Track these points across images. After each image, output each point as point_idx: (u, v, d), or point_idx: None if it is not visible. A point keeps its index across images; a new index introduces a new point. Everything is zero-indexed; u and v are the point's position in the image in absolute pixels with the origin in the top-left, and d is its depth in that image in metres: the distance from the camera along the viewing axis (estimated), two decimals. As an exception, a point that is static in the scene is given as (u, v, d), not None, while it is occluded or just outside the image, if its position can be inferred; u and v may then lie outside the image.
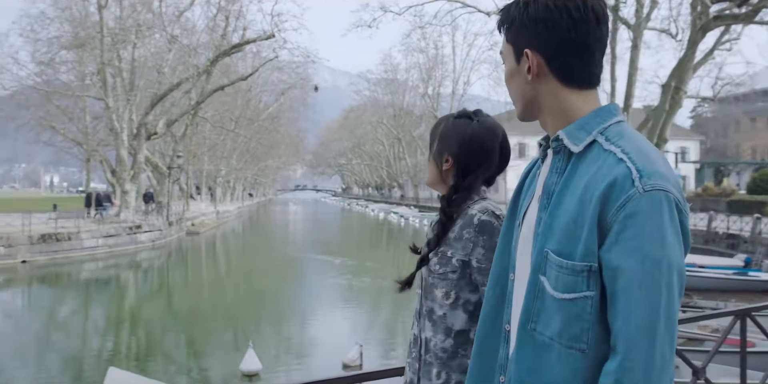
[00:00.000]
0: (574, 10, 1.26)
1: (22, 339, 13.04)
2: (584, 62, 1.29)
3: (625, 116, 1.31)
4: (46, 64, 33.30)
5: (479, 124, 1.93)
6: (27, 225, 22.10)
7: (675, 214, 1.15)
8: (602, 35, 1.29)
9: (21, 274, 20.04)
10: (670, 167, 1.22)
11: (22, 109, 38.13)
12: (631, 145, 1.21)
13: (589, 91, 1.31)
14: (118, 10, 29.14)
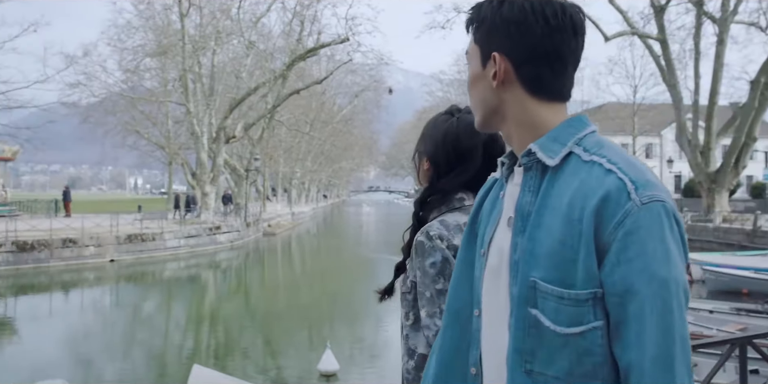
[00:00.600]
0: (551, 16, 1.15)
1: (110, 335, 13.64)
2: (555, 73, 1.18)
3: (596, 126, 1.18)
4: (132, 71, 34.75)
5: (458, 121, 1.76)
6: (114, 226, 23.11)
7: (674, 226, 1.05)
8: (577, 47, 1.18)
9: (109, 272, 20.97)
10: (658, 179, 1.10)
11: (110, 115, 39.93)
12: (616, 155, 1.10)
13: (559, 105, 1.19)
14: (198, 18, 30.11)
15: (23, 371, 9.94)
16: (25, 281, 19.10)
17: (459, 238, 1.48)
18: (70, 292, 18.87)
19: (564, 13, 1.15)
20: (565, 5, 1.16)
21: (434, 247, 1.62)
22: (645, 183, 1.04)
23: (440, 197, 1.73)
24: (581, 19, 1.17)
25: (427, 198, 1.75)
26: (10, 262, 19.44)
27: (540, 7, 1.15)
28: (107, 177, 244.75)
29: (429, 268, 1.62)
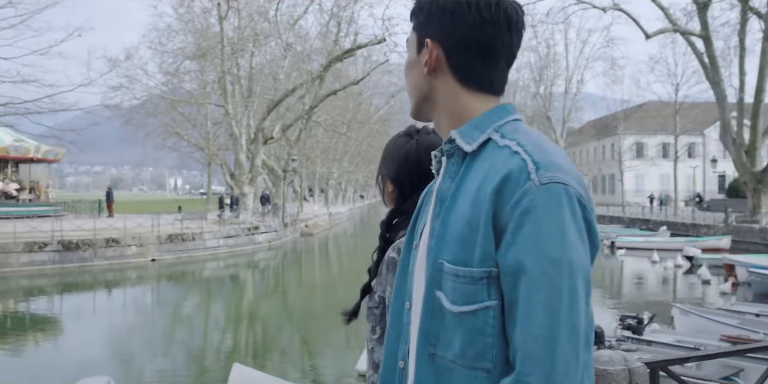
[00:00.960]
0: (484, 8, 1.16)
1: (151, 333, 13.87)
2: (486, 64, 1.19)
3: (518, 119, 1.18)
4: (172, 74, 35.30)
5: (417, 144, 1.80)
6: (156, 226, 23.52)
7: (577, 209, 1.03)
8: (511, 42, 1.19)
9: (150, 271, 21.34)
10: (572, 163, 1.09)
11: (151, 117, 40.67)
12: (526, 138, 1.10)
13: (489, 96, 1.20)
14: (236, 21, 30.46)
15: (68, 368, 10.18)
16: (70, 280, 19.56)
17: None
18: (113, 290, 19.25)
19: (498, 7, 1.16)
20: (502, 0, 1.17)
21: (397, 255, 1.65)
22: (548, 165, 1.03)
23: (406, 218, 1.70)
24: (517, 16, 1.18)
25: (392, 220, 1.78)
26: (56, 261, 19.93)
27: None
28: (148, 178, 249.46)
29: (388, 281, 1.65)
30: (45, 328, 13.94)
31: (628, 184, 56.77)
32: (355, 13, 28.31)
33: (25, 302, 16.81)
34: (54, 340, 12.88)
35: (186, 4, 31.35)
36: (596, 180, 69.33)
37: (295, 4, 30.94)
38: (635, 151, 57.66)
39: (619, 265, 24.12)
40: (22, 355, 11.53)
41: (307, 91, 27.80)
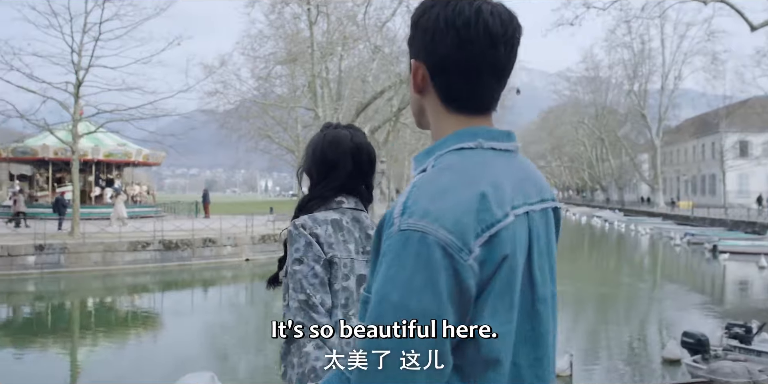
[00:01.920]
0: (462, 28, 1.11)
1: (245, 330, 14.28)
2: (468, 84, 1.14)
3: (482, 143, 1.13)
4: (264, 78, 36.29)
5: (323, 137, 2.04)
6: (249, 226, 24.22)
7: (427, 254, 0.97)
8: (497, 57, 1.13)
9: (244, 271, 21.98)
10: (453, 197, 1.02)
11: (243, 121, 41.91)
12: (432, 176, 1.07)
13: (471, 117, 1.16)
14: (325, 25, 30.97)
15: (169, 362, 10.60)
16: (169, 278, 20.42)
17: (322, 229, 1.85)
18: (209, 289, 19.95)
19: (478, 23, 1.11)
20: (482, 14, 1.11)
21: (299, 234, 1.86)
22: (417, 210, 1.01)
23: (319, 201, 1.98)
24: (503, 28, 1.13)
25: (306, 203, 2.02)
26: (157, 259, 20.86)
27: (452, 17, 1.12)
28: (240, 180, 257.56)
29: (294, 253, 1.85)
30: (147, 324, 14.60)
31: (730, 184, 53.94)
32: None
33: (129, 299, 17.68)
34: (156, 336, 13.47)
35: (277, 11, 32.15)
36: (695, 180, 66.22)
37: (382, 7, 31.14)
38: (738, 150, 54.64)
39: (721, 270, 22.91)
40: (127, 349, 12.11)
41: (395, 93, 27.93)
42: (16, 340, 12.37)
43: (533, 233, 1.12)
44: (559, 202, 1.26)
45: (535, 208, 1.15)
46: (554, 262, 1.19)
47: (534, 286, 1.11)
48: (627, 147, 64.82)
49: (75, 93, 22.71)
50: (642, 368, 9.90)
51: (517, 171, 1.15)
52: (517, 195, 1.10)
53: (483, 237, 1.01)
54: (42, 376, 9.86)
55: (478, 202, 1.02)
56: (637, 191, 79.84)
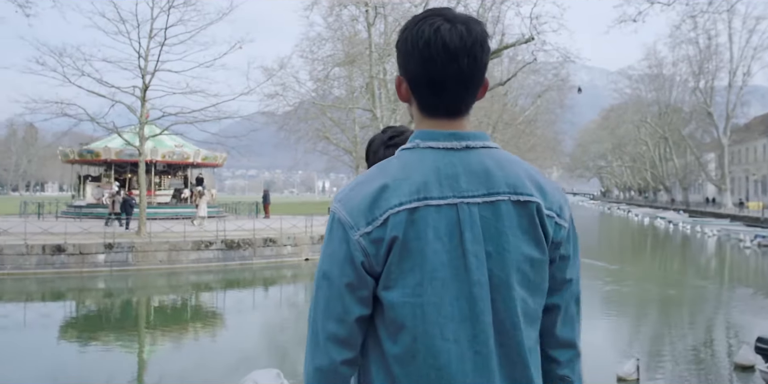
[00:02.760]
0: (423, 48, 1.31)
1: (304, 328, 14.36)
2: (438, 95, 1.35)
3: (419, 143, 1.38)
4: (322, 80, 36.70)
5: (380, 136, 2.16)
6: (309, 226, 24.52)
7: (336, 229, 1.34)
8: (460, 70, 1.32)
9: (304, 270, 22.25)
10: (360, 190, 1.34)
11: (302, 122, 42.47)
12: (365, 172, 1.42)
13: (440, 120, 1.38)
14: (383, 27, 31.10)
15: (233, 359, 10.81)
16: (232, 277, 20.85)
17: None
18: (270, 288, 20.28)
19: (436, 41, 1.30)
20: (440, 33, 1.30)
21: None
22: (338, 197, 1.38)
23: None
24: (460, 42, 1.30)
25: None
26: (220, 258, 21.34)
27: (416, 39, 1.32)
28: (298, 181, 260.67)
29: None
30: (210, 321, 14.95)
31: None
32: (501, 12, 27.94)
33: (193, 296, 18.14)
34: (219, 333, 13.76)
35: (335, 13, 32.49)
36: (765, 180, 63.67)
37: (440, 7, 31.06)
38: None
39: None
40: (191, 345, 12.42)
41: (453, 93, 27.80)
42: (86, 334, 12.85)
43: (464, 222, 1.30)
44: (524, 196, 1.35)
45: (472, 200, 1.31)
46: (512, 253, 1.32)
47: (468, 271, 1.29)
48: (692, 146, 62.85)
49: (142, 96, 23.44)
50: (711, 374, 9.59)
51: (452, 167, 1.33)
52: (441, 188, 1.30)
53: (377, 220, 1.29)
54: (110, 370, 10.20)
55: (375, 193, 1.31)
56: (703, 192, 77.34)
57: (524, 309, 1.33)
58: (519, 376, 1.33)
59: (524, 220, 1.34)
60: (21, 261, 18.72)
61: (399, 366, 1.30)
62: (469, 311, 1.29)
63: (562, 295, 1.42)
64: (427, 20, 1.33)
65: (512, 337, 1.32)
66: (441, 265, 1.28)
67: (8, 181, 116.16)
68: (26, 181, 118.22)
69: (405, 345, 1.29)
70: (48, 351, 11.37)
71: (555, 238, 1.38)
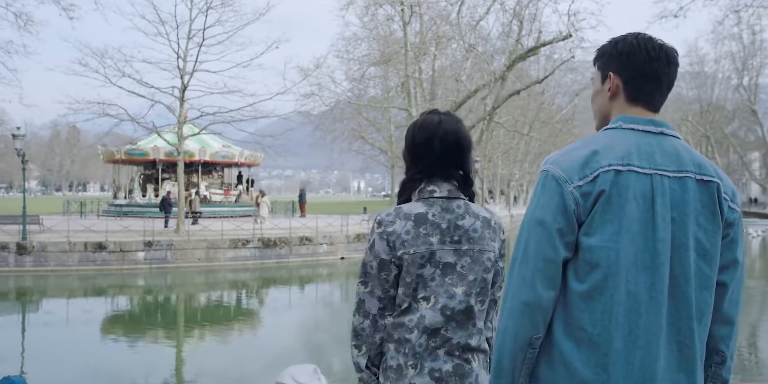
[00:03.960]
0: (651, 50, 1.65)
1: (338, 326, 14.47)
2: (651, 87, 1.67)
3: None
4: (358, 80, 36.77)
5: (414, 124, 2.15)
6: (344, 225, 24.59)
7: (549, 184, 1.58)
8: (669, 73, 1.67)
9: (339, 269, 22.33)
10: (572, 154, 1.62)
11: (338, 122, 42.62)
12: (573, 143, 1.69)
13: (644, 110, 1.68)
14: (418, 26, 30.99)
15: (270, 355, 10.90)
16: (268, 275, 21.02)
17: (401, 224, 1.98)
18: (306, 286, 20.39)
19: (661, 48, 1.66)
20: (662, 43, 1.67)
21: (374, 230, 2.04)
22: (548, 159, 1.65)
23: (412, 184, 2.07)
24: (674, 55, 1.68)
25: (403, 186, 2.12)
26: (257, 257, 21.53)
27: (644, 43, 1.66)
28: (333, 181, 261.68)
29: (368, 241, 2.07)
30: (247, 318, 15.09)
31: None
32: (538, 10, 27.56)
33: (230, 294, 18.33)
34: (256, 330, 13.89)
35: (370, 13, 32.51)
36: (812, 180, 61.84)
37: (476, 5, 30.84)
38: None
39: None
40: (229, 341, 12.55)
41: (489, 92, 27.58)
42: (126, 331, 13.08)
43: (656, 190, 1.56)
44: (707, 176, 1.61)
45: (664, 173, 1.58)
46: (692, 222, 1.57)
47: (655, 229, 1.54)
48: (735, 145, 61.37)
49: (180, 97, 23.78)
50: (755, 377, 9.34)
51: (649, 145, 1.61)
52: (641, 159, 1.58)
53: (588, 176, 1.56)
54: (149, 365, 10.35)
55: (587, 156, 1.59)
56: (746, 191, 75.47)
57: (697, 271, 1.56)
58: (684, 327, 1.55)
59: (705, 196, 1.59)
60: (64, 258, 19.15)
61: (583, 301, 1.53)
62: (651, 262, 1.53)
63: (731, 274, 1.65)
64: (644, 36, 1.68)
65: (683, 291, 1.55)
66: (635, 220, 1.53)
67: (52, 182, 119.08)
68: (69, 181, 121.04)
69: (594, 282, 1.53)
70: (89, 347, 11.59)
71: (728, 218, 1.62)
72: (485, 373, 1.99)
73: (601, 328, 1.51)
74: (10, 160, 75.26)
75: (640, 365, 1.50)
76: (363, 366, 2.06)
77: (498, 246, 2.05)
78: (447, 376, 1.93)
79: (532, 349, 1.55)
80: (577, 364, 1.51)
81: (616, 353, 1.50)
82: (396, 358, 1.98)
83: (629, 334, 1.50)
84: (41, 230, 21.80)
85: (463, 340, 1.97)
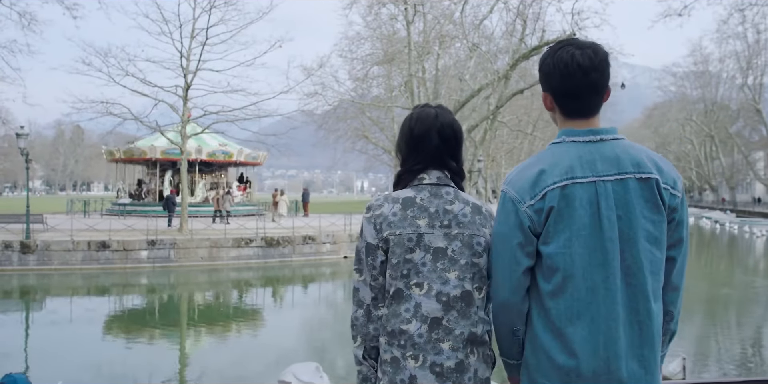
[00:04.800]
0: (563, 68, 1.81)
1: (342, 325, 14.45)
2: (576, 101, 1.85)
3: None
4: (361, 79, 36.70)
5: (410, 116, 2.16)
6: (347, 225, 24.57)
7: (507, 204, 1.84)
8: (591, 82, 1.82)
9: (342, 268, 22.31)
10: (524, 174, 1.84)
11: (341, 122, 42.56)
12: (526, 161, 1.91)
13: (581, 120, 1.87)
14: (422, 25, 30.93)
15: (272, 353, 10.90)
16: (271, 274, 21.01)
17: (388, 207, 2.02)
18: (309, 285, 20.39)
19: (572, 61, 1.80)
20: (575, 58, 1.80)
21: (365, 215, 2.06)
22: (507, 180, 1.89)
23: (409, 175, 2.09)
24: (590, 62, 1.80)
25: (399, 177, 2.12)
26: (259, 256, 21.53)
27: (557, 61, 1.82)
28: (336, 181, 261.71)
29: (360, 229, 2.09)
30: (250, 317, 15.08)
31: None
32: (542, 9, 27.50)
33: (233, 292, 18.33)
34: (258, 328, 13.89)
35: (374, 12, 32.43)
36: (817, 180, 61.63)
37: (479, 5, 30.77)
38: None
39: None
40: (232, 340, 12.55)
41: (492, 91, 27.54)
42: (129, 329, 13.08)
43: (600, 194, 1.76)
44: (645, 174, 1.79)
45: (606, 178, 1.77)
46: (638, 217, 1.77)
47: (602, 230, 1.75)
48: (739, 144, 61.19)
49: (184, 96, 23.78)
50: (761, 375, 9.29)
51: (590, 154, 1.80)
52: (583, 170, 1.78)
53: (537, 196, 1.79)
54: (153, 364, 10.35)
55: (535, 176, 1.81)
56: (751, 191, 75.29)
57: (650, 258, 1.78)
58: (641, 308, 1.77)
59: (646, 192, 1.78)
60: (67, 257, 19.17)
61: (551, 299, 1.79)
62: (603, 259, 1.75)
63: (678, 250, 1.87)
64: (564, 49, 1.82)
65: (638, 278, 1.76)
66: (584, 226, 1.75)
67: (56, 181, 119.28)
68: (73, 180, 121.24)
69: (556, 283, 1.77)
70: (92, 345, 11.60)
71: (671, 204, 1.81)
72: (484, 368, 1.97)
73: (566, 320, 1.76)
74: (14, 160, 75.45)
75: (603, 348, 1.73)
76: (360, 357, 2.04)
77: (489, 232, 2.02)
78: (448, 373, 1.90)
79: (515, 336, 1.88)
80: (553, 351, 1.78)
81: (582, 340, 1.74)
82: (389, 351, 1.94)
83: (591, 322, 1.74)
84: (45, 229, 21.83)
85: (467, 330, 1.94)
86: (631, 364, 1.75)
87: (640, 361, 1.77)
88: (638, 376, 1.75)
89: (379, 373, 1.98)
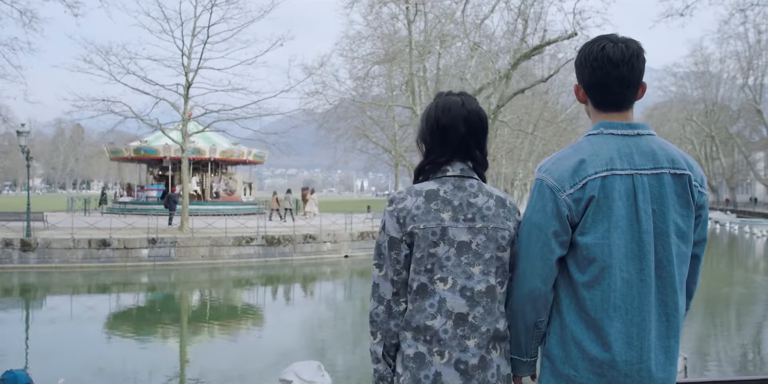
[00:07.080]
0: (593, 60, 1.86)
1: (343, 324, 14.47)
2: (604, 94, 1.88)
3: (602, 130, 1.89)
4: (362, 79, 36.69)
5: (435, 104, 2.09)
6: (348, 224, 24.55)
7: (544, 191, 1.84)
8: (621, 75, 1.84)
9: (343, 267, 22.31)
10: (562, 163, 1.85)
11: (341, 121, 42.55)
12: (561, 150, 1.92)
13: (613, 113, 1.90)
14: (423, 24, 30.91)
15: (272, 352, 10.89)
16: (272, 272, 21.01)
17: (412, 200, 1.98)
18: (309, 284, 20.37)
19: (602, 54, 1.84)
20: (605, 51, 1.84)
21: (386, 208, 2.03)
22: (541, 168, 1.90)
23: (433, 167, 2.04)
24: (620, 56, 1.84)
25: (422, 168, 2.07)
26: (260, 254, 21.52)
27: (588, 53, 1.88)
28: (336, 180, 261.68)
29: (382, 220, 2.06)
30: (251, 316, 15.07)
31: None
32: (543, 8, 27.47)
33: (234, 291, 18.31)
34: (259, 327, 13.88)
35: (375, 11, 32.39)
36: (817, 180, 61.57)
37: (481, 4, 30.73)
38: None
39: None
40: (232, 339, 12.53)
41: (494, 91, 27.52)
42: (130, 328, 13.07)
43: (637, 187, 1.80)
44: (679, 170, 1.85)
45: (643, 172, 1.82)
46: (670, 211, 1.82)
47: (639, 222, 1.80)
48: (740, 145, 61.16)
49: (185, 94, 23.77)
50: (761, 375, 9.28)
51: (628, 148, 1.84)
52: (622, 162, 1.81)
53: (577, 184, 1.80)
54: (152, 362, 10.35)
55: (576, 165, 1.83)
56: (751, 191, 75.27)
57: (678, 252, 1.83)
58: (669, 301, 1.82)
59: (679, 187, 1.84)
60: (68, 255, 19.17)
61: (586, 290, 1.81)
62: (638, 251, 1.79)
63: (701, 248, 1.94)
64: (597, 42, 1.87)
65: (668, 271, 1.82)
66: (622, 217, 1.79)
67: (56, 180, 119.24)
68: (73, 179, 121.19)
69: (593, 274, 1.80)
70: (92, 343, 11.59)
71: (698, 202, 1.87)
72: (506, 364, 1.95)
73: (602, 311, 1.79)
74: (14, 158, 75.45)
75: (637, 339, 1.78)
76: (380, 354, 2.01)
77: (513, 226, 1.99)
78: (472, 370, 1.88)
79: (537, 329, 1.90)
80: (586, 342, 1.80)
81: (617, 332, 1.78)
82: (414, 346, 1.92)
83: (626, 314, 1.78)
84: (45, 227, 21.83)
85: (492, 327, 1.92)
86: (659, 354, 1.81)
87: (666, 352, 1.83)
88: (664, 365, 1.82)
89: (398, 369, 1.95)
